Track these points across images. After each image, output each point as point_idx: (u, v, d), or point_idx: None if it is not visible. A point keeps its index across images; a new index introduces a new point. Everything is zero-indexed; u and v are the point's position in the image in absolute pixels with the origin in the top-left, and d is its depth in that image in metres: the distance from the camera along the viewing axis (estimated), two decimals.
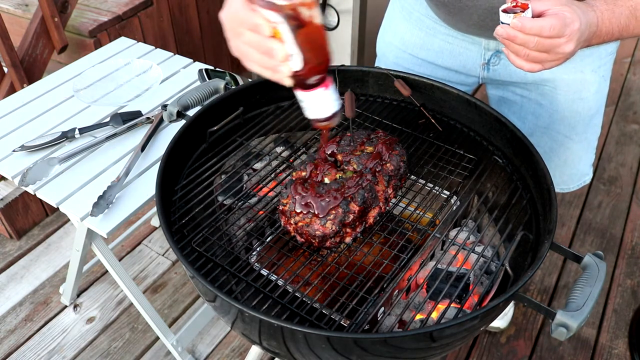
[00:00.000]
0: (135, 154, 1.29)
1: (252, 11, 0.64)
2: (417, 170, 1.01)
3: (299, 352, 0.76)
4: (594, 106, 1.20)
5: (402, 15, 1.27)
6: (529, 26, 0.75)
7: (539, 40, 0.76)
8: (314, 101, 0.71)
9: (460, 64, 1.22)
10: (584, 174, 1.34)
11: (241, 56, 0.71)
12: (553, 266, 1.99)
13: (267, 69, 0.69)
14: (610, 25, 0.85)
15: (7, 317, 1.84)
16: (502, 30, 0.78)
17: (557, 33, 0.75)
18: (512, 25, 0.76)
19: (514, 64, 0.82)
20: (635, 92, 2.89)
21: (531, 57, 0.79)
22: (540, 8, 0.77)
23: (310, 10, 0.62)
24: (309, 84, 0.69)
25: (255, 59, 0.68)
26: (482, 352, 1.73)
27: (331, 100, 0.72)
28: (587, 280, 0.76)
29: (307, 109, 0.73)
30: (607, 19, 0.84)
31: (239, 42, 0.69)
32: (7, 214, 2.00)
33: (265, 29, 0.64)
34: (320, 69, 0.67)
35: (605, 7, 0.84)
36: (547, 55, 0.79)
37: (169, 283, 1.94)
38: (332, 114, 0.72)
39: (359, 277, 0.83)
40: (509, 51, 0.81)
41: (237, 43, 0.69)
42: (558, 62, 0.81)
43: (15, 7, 2.12)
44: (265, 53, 0.67)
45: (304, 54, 0.65)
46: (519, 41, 0.77)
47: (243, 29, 0.67)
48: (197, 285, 0.85)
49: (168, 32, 2.35)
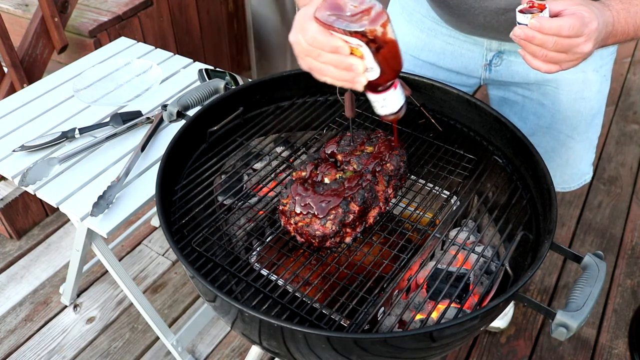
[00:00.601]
0: (135, 154, 1.28)
1: (330, 35, 0.69)
2: (417, 170, 1.01)
3: (299, 352, 0.76)
4: (596, 106, 1.20)
5: (403, 17, 1.26)
6: (547, 26, 0.74)
7: (557, 40, 0.75)
8: (386, 100, 0.77)
9: (462, 65, 1.21)
10: (584, 173, 1.34)
11: (316, 72, 0.76)
12: (553, 266, 1.99)
13: (345, 81, 0.74)
14: (626, 25, 0.84)
15: (7, 317, 1.84)
16: (519, 31, 0.77)
17: (576, 32, 0.74)
18: (530, 25, 0.75)
19: (531, 65, 0.80)
20: (635, 92, 2.89)
21: (549, 57, 0.78)
22: (557, 8, 0.76)
23: (386, 28, 0.67)
24: (380, 88, 0.75)
25: (334, 75, 0.74)
26: (482, 352, 1.73)
27: (400, 96, 0.78)
28: (587, 280, 0.76)
29: (378, 107, 0.80)
30: (622, 19, 0.83)
31: (315, 61, 0.74)
32: (7, 214, 2.00)
33: (345, 50, 0.70)
34: (393, 76, 0.74)
35: (621, 6, 0.84)
36: (565, 55, 0.77)
37: (169, 283, 1.94)
38: (400, 107, 0.80)
39: (359, 277, 0.83)
40: (526, 52, 0.79)
41: (312, 62, 0.75)
42: (576, 63, 0.79)
43: (15, 7, 2.12)
44: (345, 69, 0.72)
45: (382, 67, 0.70)
46: (537, 42, 0.76)
47: (322, 51, 0.72)
48: (197, 285, 0.85)
49: (168, 32, 2.35)
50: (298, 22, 0.74)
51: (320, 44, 0.71)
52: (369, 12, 0.65)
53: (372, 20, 0.64)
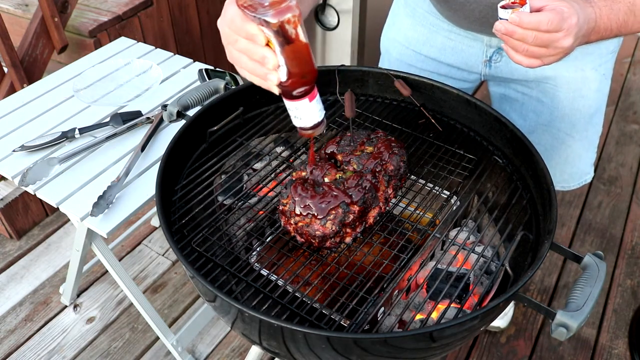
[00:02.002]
0: (135, 154, 1.29)
1: (248, 21, 0.67)
2: (417, 170, 1.01)
3: (299, 352, 0.76)
4: (595, 104, 1.21)
5: (406, 12, 1.27)
6: (526, 21, 0.76)
7: (537, 35, 0.77)
8: (299, 111, 0.75)
9: (463, 61, 1.22)
10: (584, 173, 1.34)
11: (234, 62, 0.74)
12: (553, 266, 1.99)
13: (257, 76, 0.72)
14: (608, 21, 0.85)
15: (7, 317, 1.84)
16: (500, 26, 0.79)
17: (555, 27, 0.76)
18: (510, 20, 0.77)
19: (513, 59, 0.82)
20: (635, 92, 2.89)
21: (530, 52, 0.79)
22: (539, 4, 0.78)
23: (295, 28, 0.66)
24: (294, 94, 0.73)
25: (248, 66, 0.72)
26: (482, 352, 1.73)
27: (315, 112, 0.76)
28: (587, 280, 0.76)
29: (292, 117, 0.77)
30: (605, 15, 0.85)
31: (233, 48, 0.72)
32: (7, 214, 2.00)
33: (260, 38, 0.68)
34: (304, 81, 0.71)
35: (604, 3, 0.85)
36: (545, 50, 0.79)
37: (169, 283, 1.94)
38: (315, 124, 0.77)
39: (359, 277, 0.83)
40: (508, 47, 0.81)
41: (232, 49, 0.73)
42: (557, 58, 0.81)
43: (15, 7, 2.12)
44: (257, 61, 0.70)
45: (289, 67, 0.69)
46: (518, 36, 0.78)
47: (239, 37, 0.70)
48: (197, 285, 0.85)
49: (168, 32, 2.35)
50: (224, 7, 0.73)
51: (237, 28, 0.69)
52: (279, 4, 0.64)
53: (279, 11, 0.64)
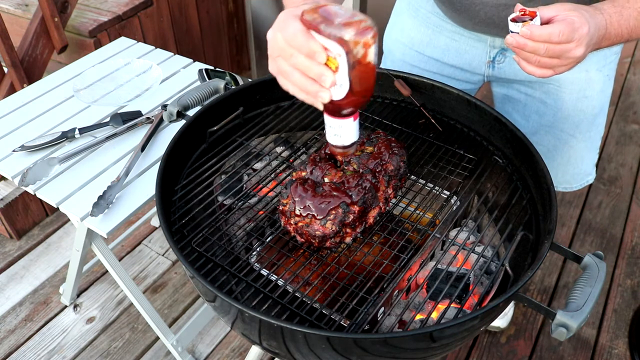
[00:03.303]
0: (135, 154, 1.28)
1: (311, 38, 0.65)
2: (417, 170, 1.01)
3: (299, 352, 0.76)
4: (598, 105, 1.21)
5: (409, 13, 1.27)
6: (537, 33, 0.76)
7: (548, 47, 0.77)
8: (342, 129, 0.73)
9: (466, 62, 1.22)
10: (587, 174, 1.34)
11: (282, 75, 0.71)
12: (553, 266, 1.99)
13: (308, 92, 0.69)
14: (619, 28, 0.85)
15: (7, 317, 1.84)
16: (511, 39, 0.79)
17: (567, 38, 0.76)
18: (522, 33, 0.77)
19: (525, 70, 0.82)
20: (635, 92, 2.89)
21: (542, 63, 0.80)
22: (548, 14, 0.78)
23: (370, 47, 0.64)
24: (344, 113, 0.71)
25: (299, 82, 0.68)
26: (482, 352, 1.73)
27: (355, 130, 0.74)
28: (587, 281, 0.76)
29: (331, 134, 0.75)
30: (615, 22, 0.85)
31: (285, 62, 0.69)
32: (7, 214, 2.00)
33: (321, 56, 0.65)
34: (360, 102, 0.69)
35: (614, 10, 0.85)
36: (557, 60, 0.79)
37: (169, 283, 1.94)
38: (352, 142, 0.75)
39: (359, 277, 0.83)
40: (520, 58, 0.81)
41: (282, 63, 0.69)
42: (569, 67, 0.81)
43: (15, 7, 2.12)
44: (312, 78, 0.67)
45: (353, 86, 0.66)
46: (529, 49, 0.78)
47: (296, 52, 0.67)
48: (197, 285, 0.85)
49: (168, 32, 2.35)
50: (280, 20, 0.70)
51: (298, 44, 0.66)
52: (359, 24, 0.63)
53: (360, 31, 0.62)
